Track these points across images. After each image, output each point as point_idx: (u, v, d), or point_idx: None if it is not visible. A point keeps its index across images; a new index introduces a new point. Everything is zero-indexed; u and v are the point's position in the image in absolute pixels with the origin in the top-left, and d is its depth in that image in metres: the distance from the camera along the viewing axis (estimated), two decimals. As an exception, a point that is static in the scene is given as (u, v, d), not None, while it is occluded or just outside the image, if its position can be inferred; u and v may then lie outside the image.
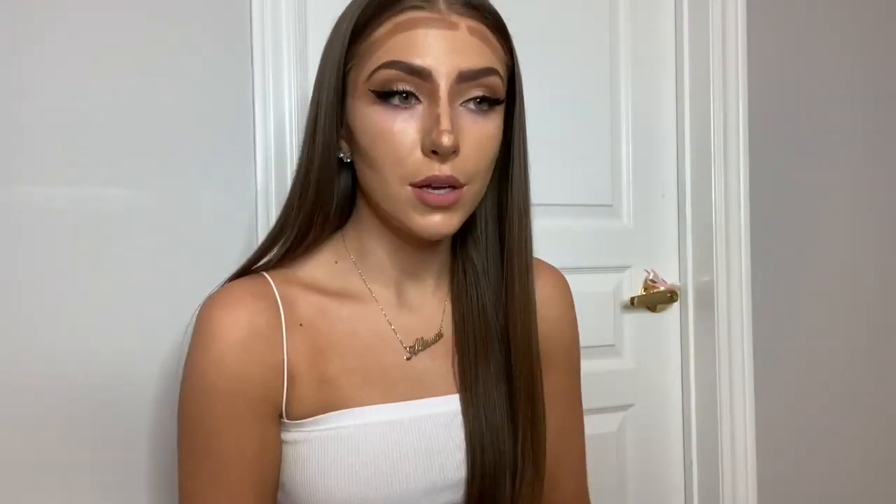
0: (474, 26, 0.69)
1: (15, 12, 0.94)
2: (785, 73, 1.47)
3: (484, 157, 0.71)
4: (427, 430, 0.74)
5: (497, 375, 0.77)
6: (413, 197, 0.69)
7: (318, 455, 0.72)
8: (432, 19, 0.68)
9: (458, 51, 0.68)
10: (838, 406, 1.53)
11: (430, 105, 0.68)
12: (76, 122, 0.96)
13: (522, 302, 0.77)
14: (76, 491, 0.97)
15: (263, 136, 1.07)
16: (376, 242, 0.77)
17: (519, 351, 0.77)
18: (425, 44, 0.67)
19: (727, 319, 1.39)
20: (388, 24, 0.69)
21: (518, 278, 0.77)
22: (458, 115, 0.69)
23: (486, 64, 0.69)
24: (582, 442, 0.89)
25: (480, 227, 0.79)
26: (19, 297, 0.94)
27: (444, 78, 0.67)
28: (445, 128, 0.66)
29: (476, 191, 0.72)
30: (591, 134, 1.37)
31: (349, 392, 0.74)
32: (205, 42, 1.04)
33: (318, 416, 0.73)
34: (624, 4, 1.40)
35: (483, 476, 0.75)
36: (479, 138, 0.70)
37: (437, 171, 0.68)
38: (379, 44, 0.69)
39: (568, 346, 0.88)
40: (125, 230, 0.99)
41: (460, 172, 0.69)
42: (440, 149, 0.66)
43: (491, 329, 0.78)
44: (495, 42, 0.72)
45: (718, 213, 1.39)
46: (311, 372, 0.73)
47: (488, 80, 0.69)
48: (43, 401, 0.95)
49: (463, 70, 0.68)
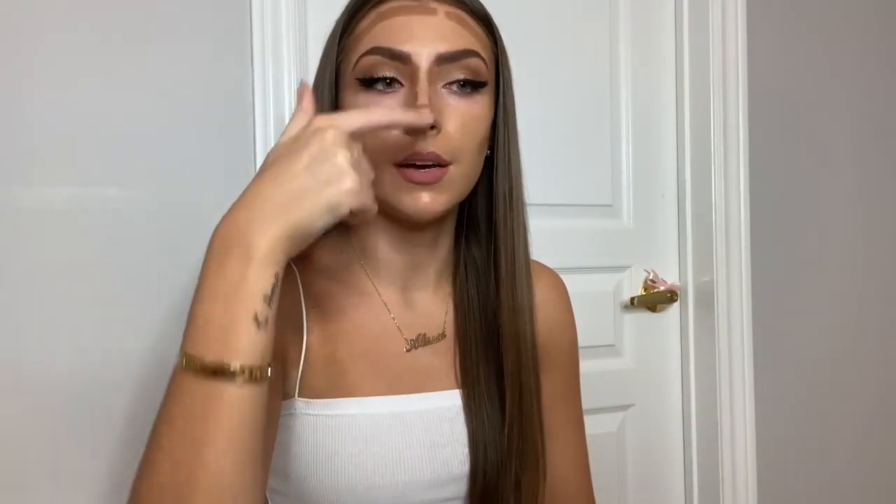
0: (452, 11, 0.72)
1: (15, 12, 0.94)
2: (785, 73, 1.47)
3: (469, 136, 0.72)
4: (432, 423, 0.76)
5: (497, 373, 0.79)
6: (398, 177, 0.70)
7: (326, 441, 0.72)
8: (411, 7, 0.71)
9: (437, 34, 0.70)
10: (838, 406, 1.54)
11: (410, 87, 0.70)
12: (76, 122, 0.97)
13: (519, 301, 0.78)
14: (76, 491, 0.97)
15: (263, 136, 1.07)
16: (377, 239, 0.78)
17: (515, 350, 0.78)
18: (405, 29, 0.70)
19: (727, 319, 1.39)
20: (371, 14, 0.72)
21: (508, 278, 0.78)
22: (441, 96, 0.71)
23: (464, 46, 0.71)
24: (583, 440, 0.90)
25: (478, 224, 0.81)
26: (19, 297, 0.94)
27: (424, 60, 0.69)
28: (422, 102, 0.68)
29: (463, 172, 0.73)
30: (591, 134, 1.37)
31: (356, 379, 0.75)
32: (205, 42, 1.04)
33: (328, 399, 0.73)
34: (624, 5, 1.40)
35: (486, 471, 0.76)
36: (463, 117, 0.71)
37: (420, 147, 0.69)
38: (363, 34, 0.72)
39: (566, 347, 0.89)
40: (125, 230, 0.99)
41: (443, 149, 0.70)
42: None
43: (493, 329, 0.79)
44: (475, 27, 0.73)
45: (718, 213, 1.39)
46: (321, 351, 0.74)
47: (468, 61, 0.71)
48: (43, 401, 0.95)
49: (441, 52, 0.70)
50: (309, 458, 0.73)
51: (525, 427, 0.78)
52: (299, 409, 0.73)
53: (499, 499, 0.76)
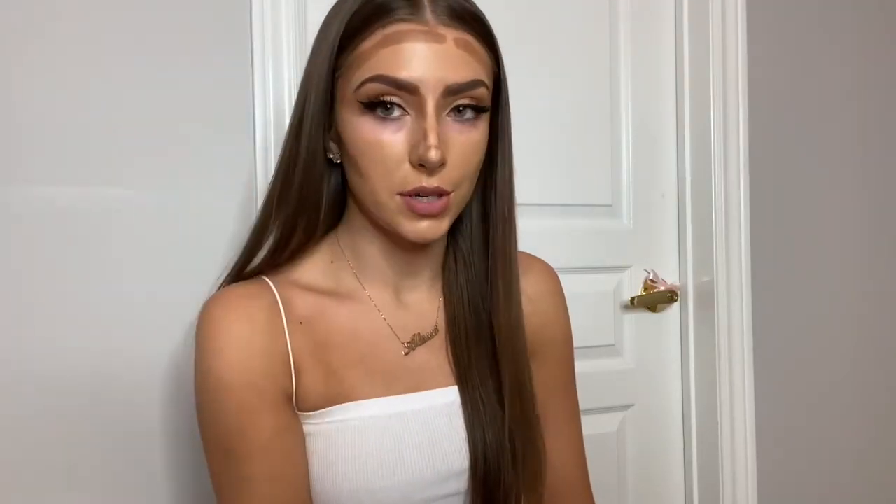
0: (461, 38, 0.70)
1: (15, 12, 0.94)
2: (785, 74, 1.47)
3: (469, 165, 0.73)
4: (429, 421, 0.76)
5: (490, 366, 0.80)
6: (402, 205, 0.71)
7: (326, 447, 0.73)
8: (419, 32, 0.69)
9: (445, 65, 0.69)
10: (838, 406, 1.54)
11: (417, 118, 0.70)
12: (76, 122, 0.97)
13: (507, 295, 0.79)
14: (76, 491, 0.97)
15: (263, 136, 1.07)
16: (370, 242, 0.79)
17: (504, 343, 0.79)
18: (412, 58, 0.68)
19: (727, 319, 1.39)
20: (376, 35, 0.70)
21: (503, 274, 0.79)
22: (445, 128, 0.70)
23: (472, 77, 0.70)
24: (579, 430, 0.91)
25: (466, 223, 0.81)
26: (19, 297, 0.94)
27: (431, 92, 0.68)
28: (433, 143, 0.68)
29: (463, 195, 0.74)
30: (591, 134, 1.37)
31: (353, 385, 0.75)
32: (205, 42, 1.04)
33: (326, 408, 0.74)
34: (624, 5, 1.40)
35: (486, 464, 0.76)
36: (464, 148, 0.71)
37: (425, 182, 0.70)
38: (367, 56, 0.70)
39: (560, 338, 0.90)
40: (125, 230, 0.99)
41: (447, 182, 0.71)
42: (428, 163, 0.68)
43: (482, 320, 0.80)
44: (482, 51, 0.72)
45: (718, 213, 1.39)
46: (316, 365, 0.75)
47: (474, 91, 0.71)
48: (43, 401, 0.95)
49: (449, 84, 0.69)
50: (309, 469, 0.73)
51: (526, 414, 0.79)
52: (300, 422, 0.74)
53: (500, 491, 0.77)
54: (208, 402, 0.71)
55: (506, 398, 0.78)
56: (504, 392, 0.78)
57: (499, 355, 0.79)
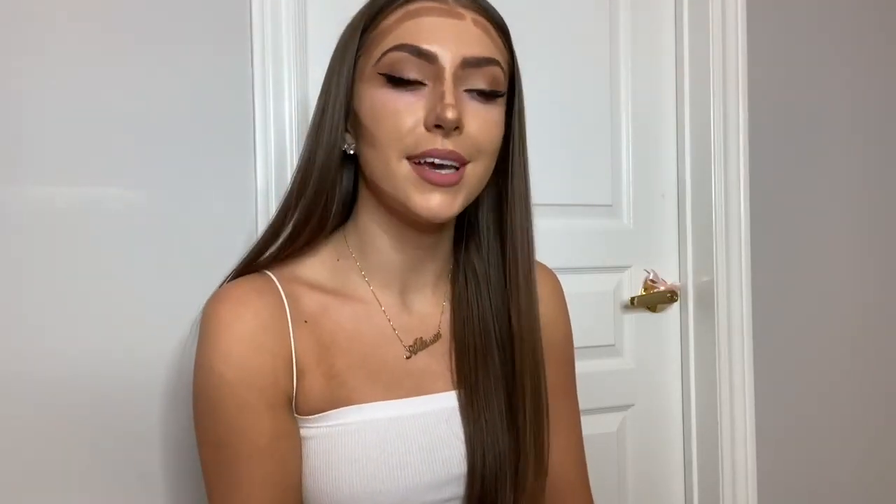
0: (478, 19, 0.73)
1: (15, 13, 0.94)
2: (785, 74, 1.47)
3: (487, 138, 0.73)
4: (429, 425, 0.76)
5: (496, 377, 0.79)
6: (412, 174, 0.70)
7: (325, 450, 0.73)
8: (440, 9, 0.72)
9: (463, 39, 0.71)
10: (838, 406, 1.54)
11: (434, 86, 0.70)
12: (76, 122, 0.96)
13: (527, 306, 0.79)
14: (76, 491, 0.97)
15: (263, 136, 1.07)
16: (378, 239, 0.78)
17: (525, 351, 0.79)
18: (432, 30, 0.71)
19: (727, 319, 1.39)
20: (399, 12, 0.72)
21: (523, 284, 0.79)
22: (463, 98, 0.71)
23: (488, 54, 0.72)
24: (579, 432, 0.91)
25: (482, 232, 0.81)
26: (19, 297, 0.94)
27: (450, 62, 0.70)
28: (449, 102, 0.68)
29: (479, 173, 0.73)
30: (591, 134, 1.37)
31: (354, 388, 0.75)
32: (205, 42, 1.04)
33: (326, 412, 0.74)
34: (624, 5, 1.40)
35: (483, 471, 0.76)
36: (484, 119, 0.72)
37: (439, 144, 0.69)
38: (389, 30, 0.72)
39: (562, 341, 0.90)
40: (125, 230, 0.99)
41: (463, 148, 0.70)
42: (444, 122, 0.68)
43: (490, 334, 0.80)
44: (497, 37, 0.75)
45: (718, 213, 1.39)
46: (318, 367, 0.74)
47: (490, 69, 0.72)
48: (43, 401, 0.95)
49: (467, 56, 0.71)
50: (307, 471, 0.73)
51: (539, 423, 0.79)
52: (300, 425, 0.74)
53: (497, 496, 0.77)
54: (207, 399, 0.71)
55: (527, 407, 0.78)
56: (517, 400, 0.78)
57: (518, 365, 0.79)
